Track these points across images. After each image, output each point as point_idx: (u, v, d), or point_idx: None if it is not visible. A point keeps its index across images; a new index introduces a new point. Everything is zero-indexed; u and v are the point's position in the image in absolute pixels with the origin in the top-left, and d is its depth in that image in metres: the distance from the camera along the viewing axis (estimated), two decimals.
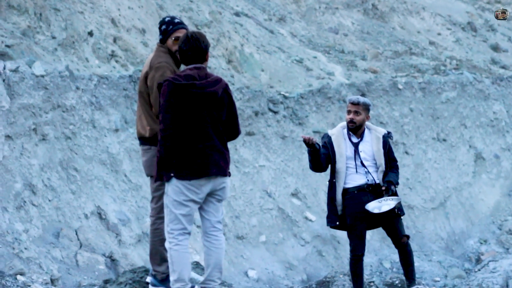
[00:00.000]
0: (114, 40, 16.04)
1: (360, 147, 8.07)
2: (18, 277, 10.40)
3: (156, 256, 7.27)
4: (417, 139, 19.73)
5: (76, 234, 12.85)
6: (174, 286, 6.84)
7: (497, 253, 18.20)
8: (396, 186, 8.08)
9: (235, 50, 18.46)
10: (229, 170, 6.96)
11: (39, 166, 12.94)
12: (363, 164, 8.04)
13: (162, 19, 7.42)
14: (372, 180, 8.04)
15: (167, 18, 7.38)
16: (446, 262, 17.93)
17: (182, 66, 7.15)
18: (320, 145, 8.02)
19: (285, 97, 17.88)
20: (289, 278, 15.71)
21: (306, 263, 16.26)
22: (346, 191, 8.04)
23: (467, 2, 27.34)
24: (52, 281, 11.35)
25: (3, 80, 12.75)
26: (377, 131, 8.19)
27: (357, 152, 8.05)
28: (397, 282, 10.85)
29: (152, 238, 7.28)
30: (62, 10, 15.38)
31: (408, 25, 24.33)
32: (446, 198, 19.63)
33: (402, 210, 8.13)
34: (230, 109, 6.94)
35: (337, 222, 8.08)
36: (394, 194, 8.04)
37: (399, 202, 8.01)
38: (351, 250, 8.07)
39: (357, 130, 8.11)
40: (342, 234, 14.56)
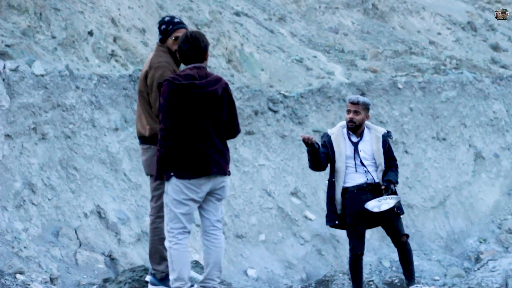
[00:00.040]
0: (114, 39, 16.05)
1: (359, 147, 8.08)
2: (18, 276, 10.40)
3: (155, 255, 7.27)
4: (416, 138, 19.73)
5: (75, 233, 12.85)
6: (173, 285, 6.84)
7: (496, 252, 18.19)
8: (395, 185, 8.09)
9: (235, 49, 18.46)
10: (229, 169, 6.96)
11: (39, 165, 12.95)
12: (363, 163, 8.04)
13: (161, 19, 7.42)
14: (371, 179, 8.04)
15: (167, 17, 7.38)
16: (445, 261, 17.92)
17: (182, 66, 7.16)
18: (319, 144, 8.02)
19: (285, 96, 17.88)
20: (288, 277, 15.71)
21: (305, 262, 16.26)
22: (345, 190, 8.04)
23: (467, 1, 27.33)
24: (51, 280, 11.35)
25: (3, 79, 12.76)
26: (376, 131, 8.19)
27: (356, 151, 8.05)
28: (396, 281, 10.86)
29: (151, 237, 7.29)
30: (62, 9, 15.38)
31: (408, 24, 24.33)
32: (445, 197, 19.63)
33: (401, 209, 8.13)
34: (230, 108, 6.94)
35: (336, 221, 8.09)
36: (393, 193, 8.04)
37: (399, 201, 8.01)
38: (351, 249, 8.07)
39: (356, 129, 8.11)
40: (342, 233, 14.55)
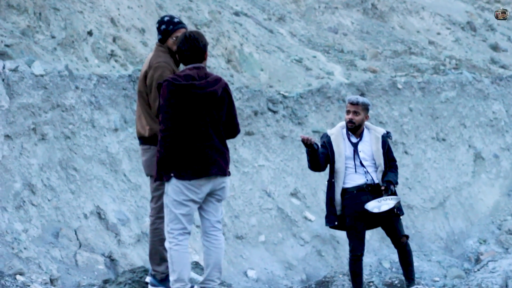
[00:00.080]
0: (114, 39, 16.03)
1: (359, 147, 8.07)
2: (18, 277, 10.40)
3: (155, 256, 7.26)
4: (416, 139, 19.72)
5: (75, 234, 12.84)
6: (173, 286, 6.83)
7: (496, 253, 18.19)
8: (395, 186, 8.08)
9: (235, 49, 18.45)
10: (229, 169, 6.95)
11: (39, 165, 12.93)
12: (362, 164, 8.03)
13: (160, 19, 7.39)
14: (371, 180, 8.03)
15: (166, 17, 7.35)
16: (445, 262, 17.92)
17: (181, 66, 7.14)
18: (318, 145, 8.01)
19: (284, 96, 17.87)
20: (288, 278, 15.70)
21: (305, 263, 16.25)
22: (345, 191, 8.03)
23: (467, 1, 27.33)
24: (51, 281, 11.34)
25: (3, 79, 12.75)
26: (376, 131, 8.18)
27: (356, 152, 8.04)
28: (396, 282, 10.84)
29: (151, 238, 7.28)
30: (61, 9, 15.37)
31: (407, 24, 24.32)
32: (445, 198, 19.62)
33: (401, 210, 8.12)
34: (229, 108, 6.93)
35: (336, 222, 8.08)
36: (393, 194, 8.04)
37: (399, 202, 8.00)
38: (351, 250, 8.06)
39: (356, 130, 8.10)
40: (342, 234, 14.54)
